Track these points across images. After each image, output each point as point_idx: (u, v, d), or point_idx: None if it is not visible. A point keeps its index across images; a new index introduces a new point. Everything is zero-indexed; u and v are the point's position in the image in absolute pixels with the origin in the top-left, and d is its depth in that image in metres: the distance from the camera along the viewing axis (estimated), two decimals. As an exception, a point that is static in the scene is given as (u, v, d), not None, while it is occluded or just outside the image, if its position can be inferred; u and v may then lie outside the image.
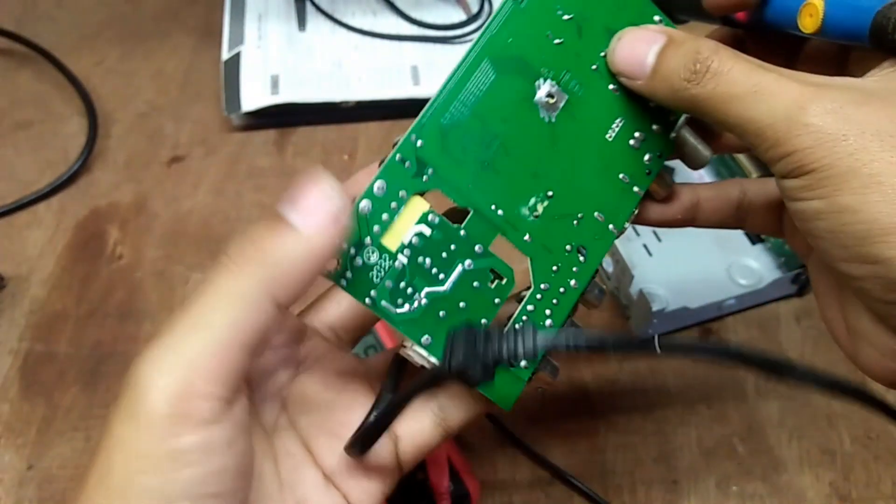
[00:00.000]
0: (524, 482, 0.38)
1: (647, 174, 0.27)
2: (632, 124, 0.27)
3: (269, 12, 0.59)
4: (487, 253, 0.25)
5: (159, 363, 0.20)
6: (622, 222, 0.27)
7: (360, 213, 0.23)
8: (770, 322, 0.44)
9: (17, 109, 0.55)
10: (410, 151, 0.24)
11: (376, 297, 0.23)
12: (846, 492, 0.38)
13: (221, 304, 0.20)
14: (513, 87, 0.25)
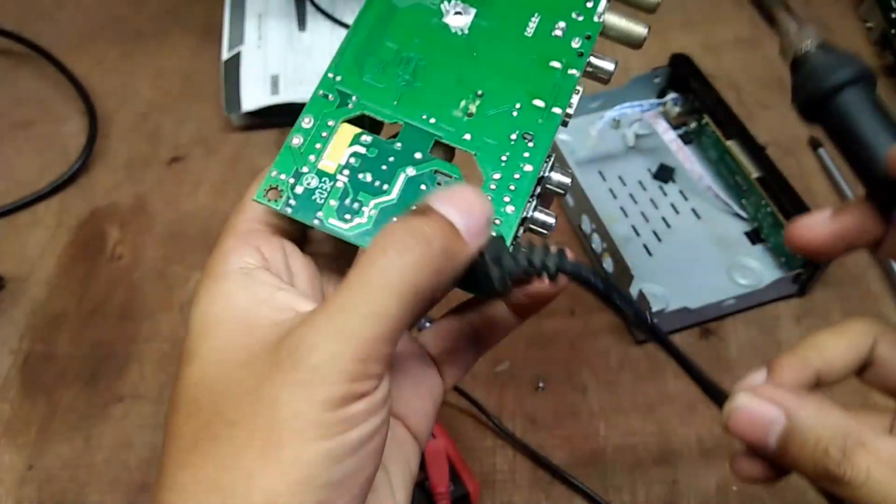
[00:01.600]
0: (524, 482, 0.38)
1: (580, 56, 0.27)
2: (550, 17, 0.27)
3: (269, 12, 0.59)
4: (427, 157, 0.25)
5: (335, 337, 0.20)
6: (565, 102, 0.27)
7: (292, 147, 0.25)
8: (770, 322, 0.44)
9: (17, 109, 0.55)
10: (331, 87, 0.26)
11: (323, 217, 0.24)
12: (846, 492, 0.37)
13: (391, 289, 0.20)
14: (421, 13, 0.27)
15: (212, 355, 0.22)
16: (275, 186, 0.24)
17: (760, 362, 0.43)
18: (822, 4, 0.62)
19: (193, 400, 0.21)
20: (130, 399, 0.41)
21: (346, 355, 0.20)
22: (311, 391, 0.19)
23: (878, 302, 0.44)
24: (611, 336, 0.43)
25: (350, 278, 0.21)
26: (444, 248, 0.21)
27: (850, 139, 0.24)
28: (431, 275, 0.21)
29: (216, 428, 0.20)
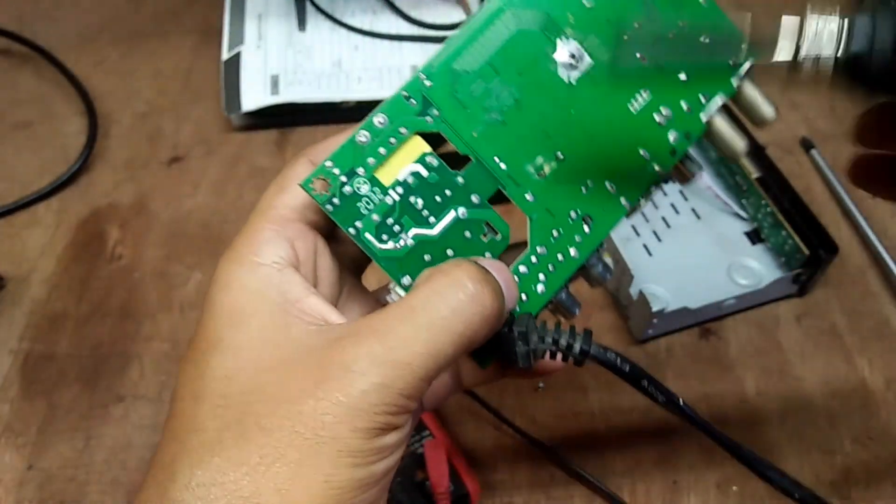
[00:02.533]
0: (524, 482, 0.38)
1: (671, 154, 0.26)
2: (660, 99, 0.25)
3: (269, 12, 0.59)
4: (484, 204, 0.24)
5: (390, 367, 0.20)
6: (636, 198, 0.25)
7: (356, 141, 0.23)
8: (770, 322, 0.44)
9: (17, 109, 0.55)
10: (417, 90, 0.23)
11: (361, 229, 0.23)
12: (846, 492, 0.38)
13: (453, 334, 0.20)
14: (533, 42, 0.24)
15: (244, 348, 0.21)
16: (325, 178, 0.22)
17: (760, 362, 0.43)
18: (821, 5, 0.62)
19: (222, 394, 0.20)
20: (130, 399, 0.41)
21: (395, 388, 0.19)
22: (355, 417, 0.19)
23: (878, 302, 0.44)
24: (611, 336, 0.43)
25: (416, 308, 0.20)
26: (501, 310, 0.22)
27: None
28: (487, 331, 0.21)
29: (247, 430, 0.20)
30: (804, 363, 0.42)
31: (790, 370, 0.42)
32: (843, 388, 0.41)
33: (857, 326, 0.43)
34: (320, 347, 0.20)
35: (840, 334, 0.43)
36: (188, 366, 0.22)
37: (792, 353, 0.42)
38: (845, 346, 0.43)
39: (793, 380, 0.41)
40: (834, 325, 0.44)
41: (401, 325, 0.20)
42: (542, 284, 0.24)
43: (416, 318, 0.20)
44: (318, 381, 0.20)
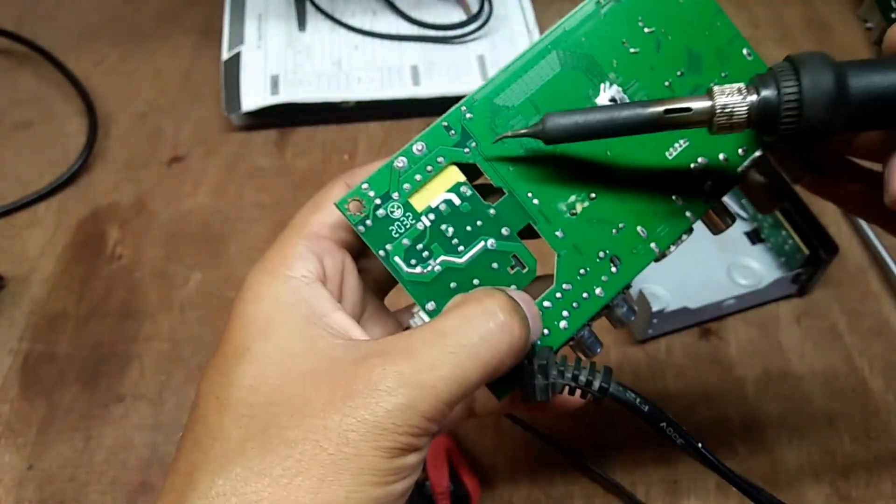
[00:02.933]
0: (524, 482, 0.38)
1: (705, 202, 0.26)
2: (697, 148, 0.25)
3: (269, 12, 0.59)
4: (514, 237, 0.24)
5: (416, 389, 0.20)
6: (667, 244, 0.26)
7: (393, 167, 0.23)
8: (770, 322, 0.44)
9: (17, 109, 0.55)
10: (457, 121, 0.24)
11: (391, 252, 0.23)
12: (846, 492, 0.38)
13: (480, 362, 0.21)
14: (575, 83, 0.25)
15: (271, 358, 0.21)
16: (360, 199, 0.23)
17: (760, 362, 0.43)
18: (822, 4, 0.62)
19: (247, 403, 0.21)
20: (130, 399, 0.41)
21: (419, 410, 0.20)
22: (379, 436, 0.19)
23: (878, 302, 0.44)
24: (611, 336, 0.43)
25: (446, 332, 0.21)
26: (528, 341, 0.22)
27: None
28: (513, 360, 0.21)
29: (271, 441, 0.20)
30: (804, 363, 0.42)
31: (790, 370, 0.42)
32: (843, 388, 0.41)
33: (857, 326, 0.43)
34: (347, 363, 0.21)
35: (840, 334, 0.43)
36: (213, 372, 0.22)
37: (792, 353, 0.42)
38: (845, 346, 0.43)
39: (793, 380, 0.41)
40: (834, 325, 0.44)
41: (429, 348, 0.20)
42: (566, 321, 0.25)
43: (445, 342, 0.20)
44: (345, 397, 0.20)
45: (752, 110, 0.21)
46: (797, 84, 0.21)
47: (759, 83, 0.21)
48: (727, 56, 0.26)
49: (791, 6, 0.62)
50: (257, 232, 0.48)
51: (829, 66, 0.21)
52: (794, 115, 0.21)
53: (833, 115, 0.20)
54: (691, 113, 0.22)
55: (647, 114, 0.22)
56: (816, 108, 0.20)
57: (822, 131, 0.21)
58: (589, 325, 0.25)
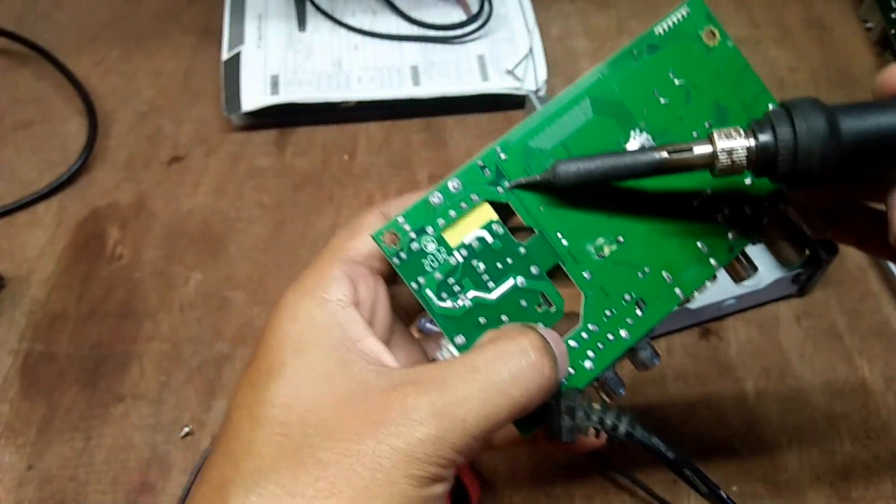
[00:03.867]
0: (524, 482, 0.38)
1: (729, 251, 0.26)
2: (722, 199, 0.26)
3: (269, 12, 0.59)
4: (543, 276, 0.25)
5: (448, 421, 0.20)
6: (691, 290, 0.26)
7: (429, 202, 0.24)
8: (770, 322, 0.44)
9: (17, 109, 0.55)
10: (492, 161, 0.25)
11: (423, 284, 0.24)
12: (846, 492, 0.38)
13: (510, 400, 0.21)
14: (607, 130, 0.25)
15: (305, 377, 0.22)
16: (395, 233, 0.24)
17: (760, 362, 0.43)
18: (822, 4, 0.62)
19: (280, 421, 0.21)
20: (130, 399, 0.41)
21: (450, 442, 0.20)
22: (411, 464, 0.20)
23: (878, 302, 0.44)
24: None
25: (479, 368, 0.21)
26: (556, 381, 0.22)
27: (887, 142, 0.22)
28: (541, 399, 0.22)
29: (304, 461, 0.20)
30: (804, 363, 0.42)
31: (790, 370, 0.42)
32: (843, 388, 0.41)
33: (857, 326, 0.43)
34: (381, 389, 0.21)
35: (840, 334, 0.43)
36: (247, 387, 0.22)
37: (792, 353, 0.42)
38: (845, 346, 0.43)
39: (793, 380, 0.41)
40: (834, 325, 0.44)
41: (461, 382, 0.21)
42: (591, 361, 0.25)
43: (477, 377, 0.21)
44: (378, 423, 0.20)
45: (750, 153, 0.22)
46: (791, 128, 0.22)
47: (756, 128, 0.22)
48: (753, 109, 0.27)
49: (791, 6, 0.62)
50: (257, 232, 0.48)
51: (821, 111, 0.22)
52: (791, 158, 0.22)
53: (826, 157, 0.22)
54: (693, 155, 0.23)
55: (652, 157, 0.23)
56: (810, 151, 0.22)
57: (817, 172, 0.22)
58: (613, 367, 0.26)
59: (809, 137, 0.22)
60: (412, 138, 0.54)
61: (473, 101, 0.55)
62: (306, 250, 0.47)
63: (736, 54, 0.27)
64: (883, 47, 0.58)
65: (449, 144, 0.53)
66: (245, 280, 0.46)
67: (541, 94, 0.55)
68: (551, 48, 0.58)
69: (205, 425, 0.40)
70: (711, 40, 0.27)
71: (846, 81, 0.57)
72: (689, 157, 0.23)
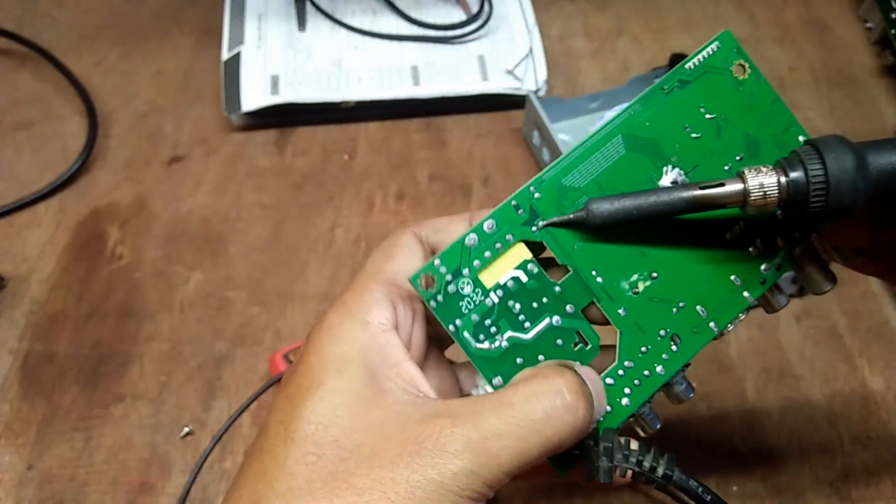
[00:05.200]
0: (524, 485, 0.38)
1: (762, 283, 0.27)
2: (754, 231, 0.26)
3: (269, 12, 0.59)
4: (578, 315, 0.25)
5: (481, 456, 0.21)
6: (725, 323, 0.26)
7: (465, 244, 0.24)
8: (770, 322, 0.44)
9: (17, 109, 0.55)
10: (526, 200, 0.24)
11: (460, 327, 0.24)
12: (846, 492, 0.38)
13: (543, 439, 0.21)
14: (639, 166, 0.26)
15: (343, 397, 0.22)
16: (432, 275, 0.23)
17: (760, 362, 0.43)
18: (822, 4, 0.62)
19: (315, 441, 0.21)
20: (130, 399, 0.41)
21: (483, 477, 0.20)
22: (443, 497, 0.20)
23: (878, 302, 0.44)
24: (611, 336, 0.43)
25: (514, 405, 0.21)
26: (591, 422, 0.22)
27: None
28: (574, 439, 0.22)
29: (339, 486, 0.20)
30: (804, 363, 0.42)
31: (790, 370, 0.42)
32: (843, 388, 0.41)
33: (857, 326, 0.43)
34: (416, 419, 0.21)
35: (840, 334, 0.43)
36: (284, 403, 0.22)
37: (792, 353, 0.42)
38: (845, 346, 0.43)
39: (793, 380, 0.41)
40: (834, 325, 0.44)
41: (496, 417, 0.21)
42: (627, 398, 0.25)
43: (511, 414, 0.21)
44: (413, 454, 0.20)
45: (782, 189, 0.23)
46: (822, 164, 0.22)
47: (787, 165, 0.23)
48: (784, 143, 0.27)
49: (791, 6, 0.62)
50: (257, 232, 0.48)
51: (848, 147, 0.22)
52: (823, 194, 0.22)
53: (857, 191, 0.22)
54: (725, 191, 0.23)
55: (683, 195, 0.23)
56: (841, 187, 0.22)
57: (847, 207, 0.22)
58: (649, 402, 0.26)
59: (840, 172, 0.22)
60: (412, 138, 0.54)
61: (473, 101, 0.55)
62: (306, 250, 0.47)
63: (766, 87, 0.27)
64: (883, 47, 0.58)
65: (449, 144, 0.53)
66: (245, 280, 0.46)
67: (541, 94, 0.55)
68: (551, 48, 0.58)
69: (205, 425, 0.40)
70: (742, 74, 0.27)
71: (846, 81, 0.57)
72: (721, 194, 0.23)
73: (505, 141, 0.53)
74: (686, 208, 0.23)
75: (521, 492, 0.38)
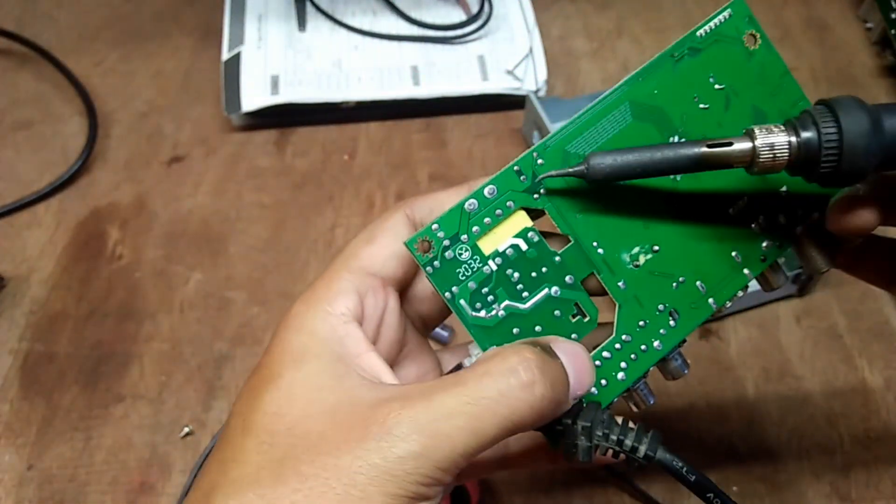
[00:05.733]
0: (524, 483, 0.38)
1: (762, 260, 0.26)
2: (757, 207, 0.26)
3: (269, 12, 0.59)
4: (577, 286, 0.24)
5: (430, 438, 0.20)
6: (724, 300, 0.26)
7: (464, 208, 0.23)
8: (770, 322, 0.44)
9: (17, 109, 0.55)
10: (529, 166, 0.24)
11: (457, 294, 0.23)
12: (846, 492, 0.38)
13: (499, 418, 0.21)
14: (646, 135, 0.25)
15: (298, 388, 0.22)
16: (429, 240, 0.23)
17: (760, 362, 0.43)
18: (822, 4, 0.62)
19: (269, 430, 0.21)
20: (130, 399, 0.41)
21: (434, 460, 0.20)
22: (388, 482, 0.20)
23: (878, 302, 0.44)
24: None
25: (466, 384, 0.21)
26: (556, 400, 0.22)
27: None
28: (535, 418, 0.21)
29: (285, 472, 0.20)
30: (804, 363, 0.42)
31: (790, 370, 0.42)
32: (843, 388, 0.41)
33: (857, 326, 0.43)
34: (367, 404, 0.21)
35: (840, 334, 0.43)
36: (246, 395, 0.22)
37: (792, 353, 0.42)
38: (845, 346, 0.43)
39: (793, 380, 0.41)
40: (834, 325, 0.44)
41: (448, 397, 0.20)
42: (623, 372, 0.25)
43: (464, 393, 0.20)
44: (359, 439, 0.20)
45: (792, 149, 0.22)
46: (836, 125, 0.21)
47: (799, 125, 0.22)
48: (790, 117, 0.26)
49: (791, 6, 0.62)
50: (257, 232, 0.48)
51: (864, 108, 0.21)
52: (835, 155, 0.21)
53: (870, 155, 0.21)
54: (733, 150, 0.22)
55: (690, 151, 0.22)
56: (855, 148, 0.21)
57: (859, 171, 0.21)
58: (644, 377, 0.25)
59: (855, 134, 0.21)
60: (412, 138, 0.54)
61: (473, 101, 0.55)
62: (306, 250, 0.47)
63: (777, 60, 0.26)
64: (883, 47, 0.58)
65: (449, 144, 0.53)
66: (245, 280, 0.46)
67: (541, 94, 0.55)
68: (551, 48, 0.58)
69: (205, 425, 0.40)
70: (753, 44, 0.26)
71: (846, 81, 0.57)
72: (728, 152, 0.22)
73: (505, 141, 0.53)
74: (691, 166, 0.22)
75: (521, 489, 0.38)
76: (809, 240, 0.27)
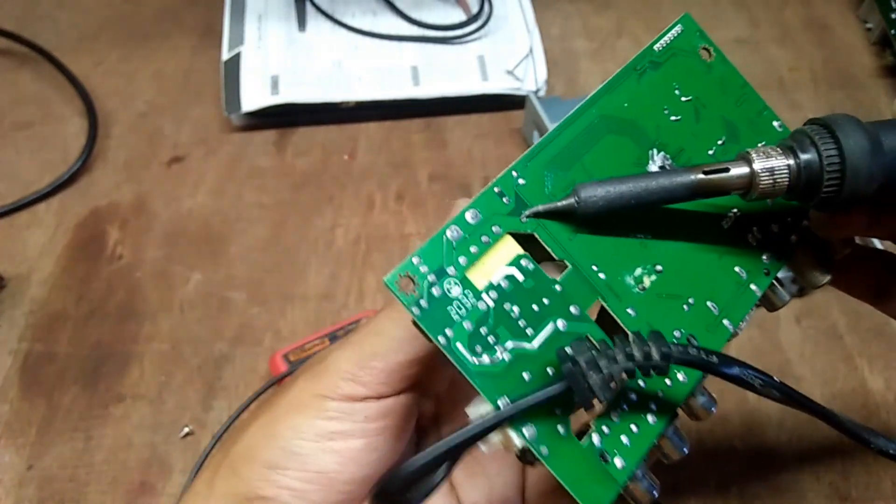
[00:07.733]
0: (524, 482, 0.38)
1: (766, 274, 0.25)
2: (750, 219, 0.25)
3: (269, 12, 0.59)
4: (584, 317, 0.21)
5: (344, 345, 0.24)
6: (738, 320, 0.24)
7: (445, 238, 0.20)
8: (770, 322, 0.44)
9: (17, 109, 0.55)
10: (510, 187, 0.21)
11: (452, 338, 0.20)
12: (846, 492, 0.38)
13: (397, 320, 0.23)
14: (625, 149, 0.24)
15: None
16: (411, 276, 0.20)
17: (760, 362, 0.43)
18: (822, 4, 0.62)
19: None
20: (130, 399, 0.41)
21: (349, 359, 0.23)
22: (314, 382, 0.23)
23: (878, 302, 0.44)
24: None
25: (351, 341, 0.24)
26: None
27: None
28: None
29: (215, 456, 0.25)
30: (804, 363, 0.42)
31: (790, 370, 0.42)
32: (843, 388, 0.41)
33: (857, 326, 0.43)
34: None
35: (840, 334, 0.43)
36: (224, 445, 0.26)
37: (792, 353, 0.42)
38: (845, 347, 0.43)
39: (793, 380, 0.41)
40: (834, 325, 0.44)
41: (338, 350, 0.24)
42: (653, 415, 0.22)
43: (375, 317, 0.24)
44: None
45: (792, 173, 0.21)
46: (837, 146, 0.20)
47: (796, 146, 0.21)
48: (760, 127, 0.26)
49: (791, 6, 0.62)
50: (257, 232, 0.48)
51: (861, 127, 0.20)
52: (838, 177, 0.20)
53: (873, 176, 0.20)
54: (731, 175, 0.21)
55: (686, 179, 0.21)
56: (858, 170, 0.20)
57: (861, 193, 0.20)
58: (674, 424, 0.23)
59: (857, 155, 0.20)
60: (412, 138, 0.54)
61: (473, 101, 0.55)
62: (306, 250, 0.47)
63: (733, 72, 0.26)
64: (883, 47, 0.58)
65: (449, 144, 0.53)
66: (245, 280, 0.46)
67: (541, 94, 0.55)
68: (551, 48, 0.58)
69: (205, 425, 0.40)
70: (708, 57, 0.26)
71: (846, 81, 0.57)
72: (726, 178, 0.21)
73: (505, 141, 0.53)
74: (687, 195, 0.21)
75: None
76: (805, 251, 0.26)
